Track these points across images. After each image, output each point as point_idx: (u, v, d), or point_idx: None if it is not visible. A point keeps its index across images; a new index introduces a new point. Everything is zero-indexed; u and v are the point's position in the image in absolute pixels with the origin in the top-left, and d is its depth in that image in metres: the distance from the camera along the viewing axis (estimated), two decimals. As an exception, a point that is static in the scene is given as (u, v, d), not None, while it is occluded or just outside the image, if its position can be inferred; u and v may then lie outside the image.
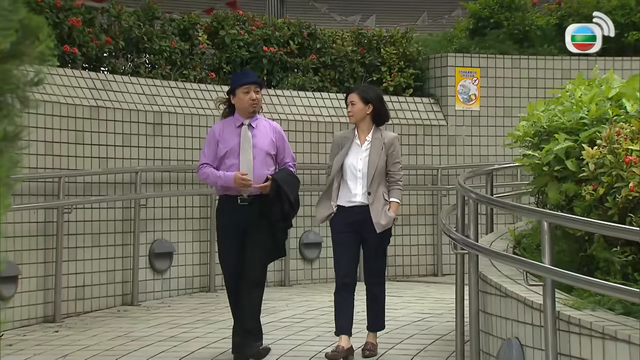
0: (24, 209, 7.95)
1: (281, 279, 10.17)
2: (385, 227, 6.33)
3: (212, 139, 6.39)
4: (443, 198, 11.00)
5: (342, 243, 6.36)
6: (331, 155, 6.53)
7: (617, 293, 4.26)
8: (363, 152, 6.37)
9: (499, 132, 11.20)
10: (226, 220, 6.33)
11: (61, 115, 8.46)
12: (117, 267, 8.91)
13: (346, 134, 6.56)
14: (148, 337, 7.25)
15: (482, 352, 5.46)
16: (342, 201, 6.36)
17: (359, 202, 6.32)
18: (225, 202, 6.35)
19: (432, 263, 11.14)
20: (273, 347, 6.48)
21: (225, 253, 6.35)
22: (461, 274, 5.90)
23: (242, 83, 6.30)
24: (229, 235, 6.29)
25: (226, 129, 6.36)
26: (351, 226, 6.34)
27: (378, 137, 6.39)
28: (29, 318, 8.00)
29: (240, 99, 6.30)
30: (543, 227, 4.59)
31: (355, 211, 6.32)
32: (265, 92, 10.64)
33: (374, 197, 6.30)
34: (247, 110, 6.32)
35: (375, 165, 6.31)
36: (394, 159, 6.39)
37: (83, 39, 9.19)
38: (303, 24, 11.36)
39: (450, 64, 11.40)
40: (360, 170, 6.33)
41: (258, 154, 6.28)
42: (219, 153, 6.33)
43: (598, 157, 4.90)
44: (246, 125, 6.32)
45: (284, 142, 6.45)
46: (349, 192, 6.34)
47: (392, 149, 6.38)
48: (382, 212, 6.29)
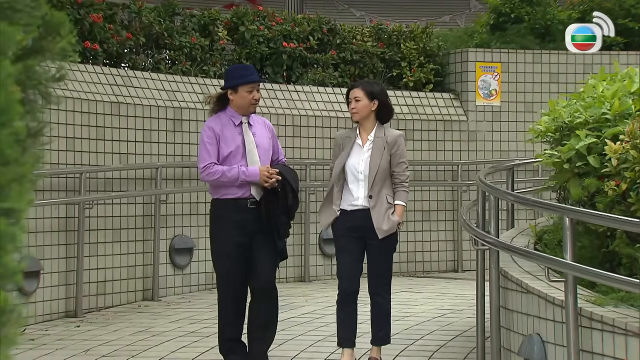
0: (45, 204, 7.99)
1: (301, 275, 10.17)
2: (388, 232, 5.86)
3: (213, 137, 5.87)
4: (463, 194, 10.97)
5: (344, 249, 5.98)
6: (333, 157, 6.15)
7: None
8: (365, 153, 5.96)
9: (519, 128, 11.15)
10: (232, 227, 5.78)
11: (82, 112, 8.49)
12: (137, 263, 8.94)
13: (347, 133, 6.13)
14: (169, 333, 7.28)
15: (503, 349, 5.44)
16: (345, 205, 5.97)
17: (360, 206, 5.91)
18: (231, 207, 5.80)
19: (452, 259, 11.11)
20: (293, 343, 6.49)
21: (232, 266, 5.81)
22: (482, 270, 5.87)
23: (247, 81, 5.86)
24: (237, 246, 5.77)
25: (225, 127, 5.88)
26: (353, 231, 5.94)
27: (381, 136, 5.96)
28: (51, 313, 8.05)
29: (243, 97, 5.86)
30: (565, 223, 4.55)
31: (357, 215, 5.91)
32: (285, 87, 10.66)
33: (375, 200, 5.88)
34: (247, 110, 5.90)
35: (377, 167, 5.89)
36: (398, 158, 5.94)
37: (104, 35, 9.22)
38: (323, 19, 11.35)
39: (471, 59, 11.35)
40: (361, 172, 5.92)
41: (262, 154, 5.91)
42: (222, 152, 5.85)
43: (621, 152, 4.87)
44: (246, 124, 5.92)
45: (276, 138, 6.13)
46: (351, 195, 5.94)
47: (396, 148, 5.94)
48: (385, 217, 5.85)
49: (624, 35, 11.76)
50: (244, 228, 5.77)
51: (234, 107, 5.88)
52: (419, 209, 10.92)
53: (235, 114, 5.89)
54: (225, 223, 5.82)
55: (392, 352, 6.47)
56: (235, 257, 5.78)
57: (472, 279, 7.77)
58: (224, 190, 5.86)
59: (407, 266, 10.85)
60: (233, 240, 5.78)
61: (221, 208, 5.87)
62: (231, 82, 5.89)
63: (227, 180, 5.83)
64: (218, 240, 5.88)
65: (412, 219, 10.95)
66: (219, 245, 5.87)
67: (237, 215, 5.78)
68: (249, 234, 5.79)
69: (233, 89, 5.86)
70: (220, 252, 5.87)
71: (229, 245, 5.78)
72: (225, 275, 5.84)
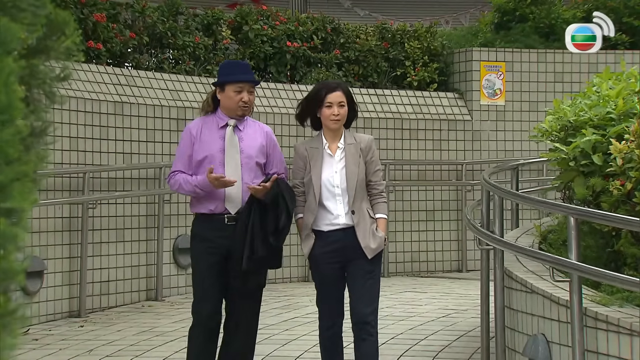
0: (49, 204, 7.98)
1: (305, 275, 10.16)
2: (376, 250, 5.04)
3: (187, 140, 5.19)
4: (468, 193, 10.95)
5: (324, 281, 5.09)
6: (294, 171, 5.17)
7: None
8: (338, 164, 5.08)
9: (524, 127, 11.13)
10: (207, 246, 5.09)
11: (85, 111, 8.49)
12: (141, 263, 8.94)
13: (311, 142, 5.17)
14: (172, 333, 7.27)
15: (507, 349, 5.43)
16: (322, 225, 5.07)
17: (342, 224, 5.04)
18: (206, 223, 5.10)
19: (456, 259, 11.10)
20: (296, 343, 6.47)
21: (207, 293, 5.09)
22: (486, 270, 5.86)
23: (235, 79, 5.14)
24: (209, 267, 5.08)
25: (206, 128, 5.17)
26: (334, 256, 5.05)
27: (352, 142, 5.12)
28: (54, 313, 8.04)
29: (229, 98, 5.14)
30: (569, 223, 4.54)
31: (337, 236, 5.04)
32: (288, 87, 10.65)
33: (358, 216, 5.04)
34: (234, 112, 5.16)
35: (355, 177, 5.05)
36: (374, 166, 5.14)
37: (107, 34, 9.22)
38: (327, 18, 11.34)
39: (475, 59, 11.34)
40: (337, 185, 5.05)
41: (246, 162, 5.12)
42: (195, 157, 5.13)
43: (626, 151, 4.85)
44: (232, 127, 5.16)
45: (275, 148, 5.27)
46: (329, 213, 5.05)
47: (371, 155, 5.13)
48: (370, 233, 5.02)
49: (629, 34, 11.74)
50: (218, 248, 5.06)
51: (223, 108, 5.19)
52: (423, 208, 10.90)
53: (223, 115, 5.19)
54: (199, 241, 5.15)
55: (396, 352, 6.46)
56: (211, 281, 5.09)
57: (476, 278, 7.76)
58: (197, 203, 5.18)
59: (411, 266, 10.84)
60: (207, 261, 5.09)
61: (196, 224, 5.21)
62: (219, 79, 5.24)
63: (187, 191, 5.16)
64: (193, 260, 5.24)
65: (416, 219, 10.94)
66: (194, 264, 5.23)
67: (211, 232, 5.08)
68: (225, 255, 5.07)
69: (220, 87, 5.19)
70: (195, 271, 5.22)
71: (203, 264, 5.12)
72: (200, 309, 5.15)
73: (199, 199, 5.13)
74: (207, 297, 5.10)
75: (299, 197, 5.12)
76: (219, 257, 5.08)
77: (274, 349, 6.59)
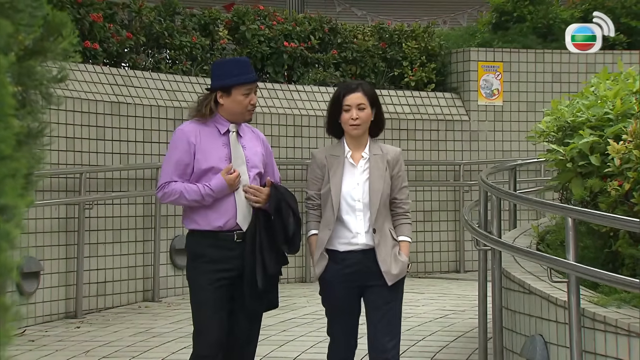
0: (45, 205, 7.97)
1: (302, 276, 10.15)
2: (398, 277, 4.55)
3: (184, 146, 4.54)
4: (465, 194, 10.95)
5: (337, 309, 4.55)
6: (310, 181, 4.66)
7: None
8: (360, 175, 4.55)
9: (522, 128, 11.13)
10: (216, 270, 4.48)
11: (82, 112, 8.47)
12: (138, 263, 8.92)
13: (331, 150, 4.63)
14: (169, 334, 7.26)
15: (505, 350, 5.42)
16: (338, 244, 4.53)
17: (361, 245, 4.50)
18: (211, 241, 4.50)
19: (454, 259, 11.09)
20: (294, 344, 6.46)
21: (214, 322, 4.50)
22: (484, 271, 5.86)
23: (244, 81, 4.56)
24: (221, 294, 4.49)
25: (205, 135, 4.57)
26: (350, 280, 4.51)
27: (378, 153, 4.58)
28: (50, 314, 8.03)
29: (238, 102, 4.56)
30: (567, 223, 4.54)
31: (355, 258, 4.51)
32: (286, 87, 10.64)
33: (379, 236, 4.51)
34: (241, 117, 4.61)
35: (380, 192, 4.52)
36: (400, 182, 4.62)
37: (104, 34, 9.20)
38: (324, 18, 11.33)
39: (473, 59, 11.33)
40: (359, 199, 4.52)
41: (252, 171, 4.62)
42: (199, 167, 4.53)
43: (624, 152, 4.85)
44: (234, 132, 4.61)
45: (271, 157, 4.80)
46: (347, 230, 4.52)
47: (398, 169, 4.60)
48: (392, 257, 4.52)
49: (627, 34, 11.74)
50: (228, 271, 4.49)
51: (224, 113, 4.59)
52: (420, 209, 10.89)
53: (224, 120, 4.60)
54: (205, 263, 4.51)
55: (394, 352, 6.45)
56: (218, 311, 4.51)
57: (474, 279, 7.75)
58: (198, 218, 4.54)
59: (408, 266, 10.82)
60: (215, 286, 4.49)
61: (197, 243, 4.55)
62: (223, 81, 4.57)
63: (188, 203, 4.52)
64: (194, 285, 4.56)
65: (414, 219, 10.90)
66: (197, 290, 4.55)
67: (219, 252, 4.50)
68: (235, 276, 4.50)
69: (224, 91, 4.57)
70: (198, 300, 4.55)
71: (208, 291, 4.49)
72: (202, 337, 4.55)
73: (200, 213, 4.52)
74: (213, 329, 4.49)
75: (314, 211, 4.63)
76: (229, 280, 4.49)
77: (271, 349, 6.58)
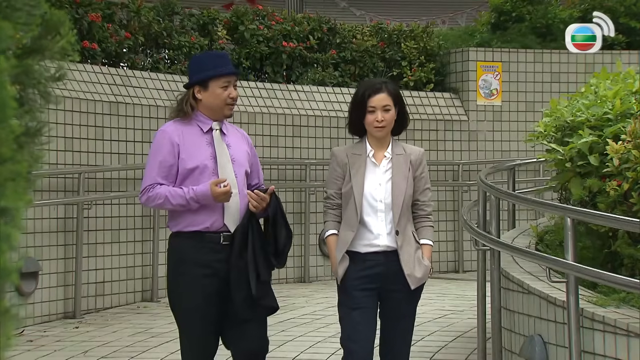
0: (44, 205, 7.96)
1: (301, 276, 10.14)
2: (421, 281, 4.42)
3: (167, 147, 4.35)
4: (464, 194, 10.95)
5: (358, 307, 4.37)
6: (330, 180, 4.52)
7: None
8: (383, 175, 4.45)
9: (521, 128, 11.13)
10: (203, 274, 4.25)
11: (80, 111, 8.47)
12: (136, 263, 8.92)
13: (353, 149, 4.51)
14: (168, 334, 7.25)
15: (504, 350, 5.42)
16: (359, 245, 4.41)
17: (383, 246, 4.39)
18: (196, 243, 4.27)
19: (453, 259, 11.09)
20: (292, 344, 6.46)
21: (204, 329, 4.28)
22: (483, 271, 5.86)
23: (221, 73, 4.37)
24: (210, 300, 4.26)
25: (188, 134, 4.39)
26: (370, 281, 4.39)
27: (401, 153, 4.49)
28: (49, 314, 8.02)
29: (215, 96, 4.37)
30: (566, 223, 4.54)
31: (377, 260, 4.39)
32: (285, 87, 10.64)
33: (402, 238, 4.41)
34: (221, 112, 4.41)
35: (403, 193, 4.42)
36: (424, 184, 4.52)
37: (102, 34, 9.20)
38: (323, 18, 11.34)
39: (472, 59, 11.34)
40: (381, 200, 4.41)
41: (238, 172, 4.39)
42: (183, 167, 4.33)
43: (623, 152, 4.85)
44: (218, 131, 4.42)
45: (256, 157, 4.59)
46: (369, 231, 4.40)
47: (421, 170, 4.51)
48: (416, 260, 4.41)
49: (626, 34, 11.74)
50: (215, 275, 4.27)
51: (204, 109, 4.42)
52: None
53: (205, 118, 4.42)
54: (188, 267, 4.28)
55: (393, 352, 6.44)
56: (206, 314, 4.28)
57: (473, 279, 7.75)
58: (183, 219, 4.34)
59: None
60: (204, 291, 4.26)
61: (181, 246, 4.31)
62: (199, 76, 4.42)
63: (173, 207, 4.32)
64: (179, 292, 4.32)
65: (412, 219, 10.93)
66: (185, 297, 4.30)
67: (205, 255, 4.27)
68: (222, 279, 4.27)
69: (202, 85, 4.41)
70: (186, 308, 4.31)
71: (198, 297, 4.26)
72: (193, 340, 4.31)
73: (186, 214, 4.30)
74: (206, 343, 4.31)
75: (333, 211, 4.47)
76: (217, 286, 4.26)
77: (271, 349, 6.53)
